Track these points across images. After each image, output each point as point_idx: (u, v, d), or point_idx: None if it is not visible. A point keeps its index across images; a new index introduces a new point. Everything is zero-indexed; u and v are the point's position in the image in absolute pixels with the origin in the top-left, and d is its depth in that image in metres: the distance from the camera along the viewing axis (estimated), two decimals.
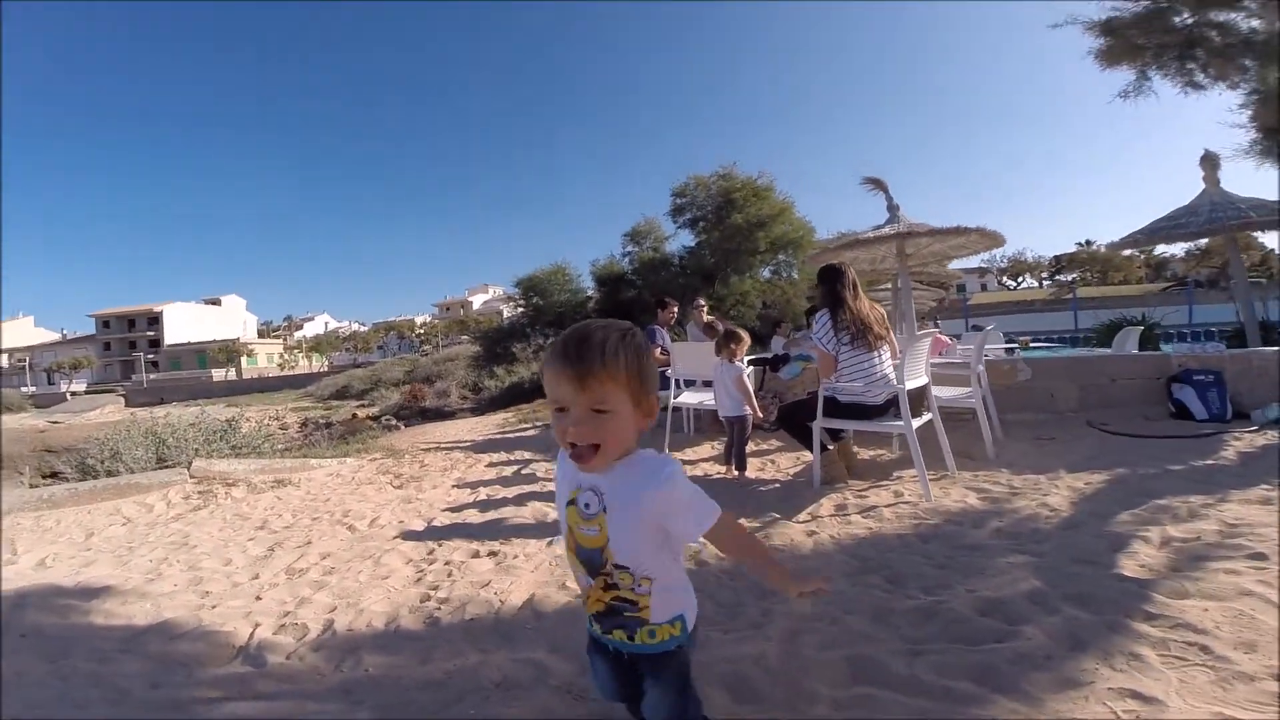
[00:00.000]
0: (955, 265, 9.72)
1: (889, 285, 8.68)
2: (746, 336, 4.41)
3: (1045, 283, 55.63)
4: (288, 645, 2.15)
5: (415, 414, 14.04)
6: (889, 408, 3.66)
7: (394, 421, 12.65)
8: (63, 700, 1.80)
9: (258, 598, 2.60)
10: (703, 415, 6.06)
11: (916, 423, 3.46)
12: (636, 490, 1.11)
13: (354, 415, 16.93)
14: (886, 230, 5.61)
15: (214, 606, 2.52)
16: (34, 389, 52.55)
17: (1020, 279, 60.44)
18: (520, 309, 20.41)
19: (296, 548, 3.27)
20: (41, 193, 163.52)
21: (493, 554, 2.90)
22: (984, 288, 54.84)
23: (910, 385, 3.52)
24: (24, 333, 75.03)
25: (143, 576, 2.92)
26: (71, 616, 2.48)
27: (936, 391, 3.99)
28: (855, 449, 4.17)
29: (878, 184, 6.17)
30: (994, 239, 5.55)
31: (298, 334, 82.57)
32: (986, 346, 6.15)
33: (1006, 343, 7.65)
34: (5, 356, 69.07)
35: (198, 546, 3.39)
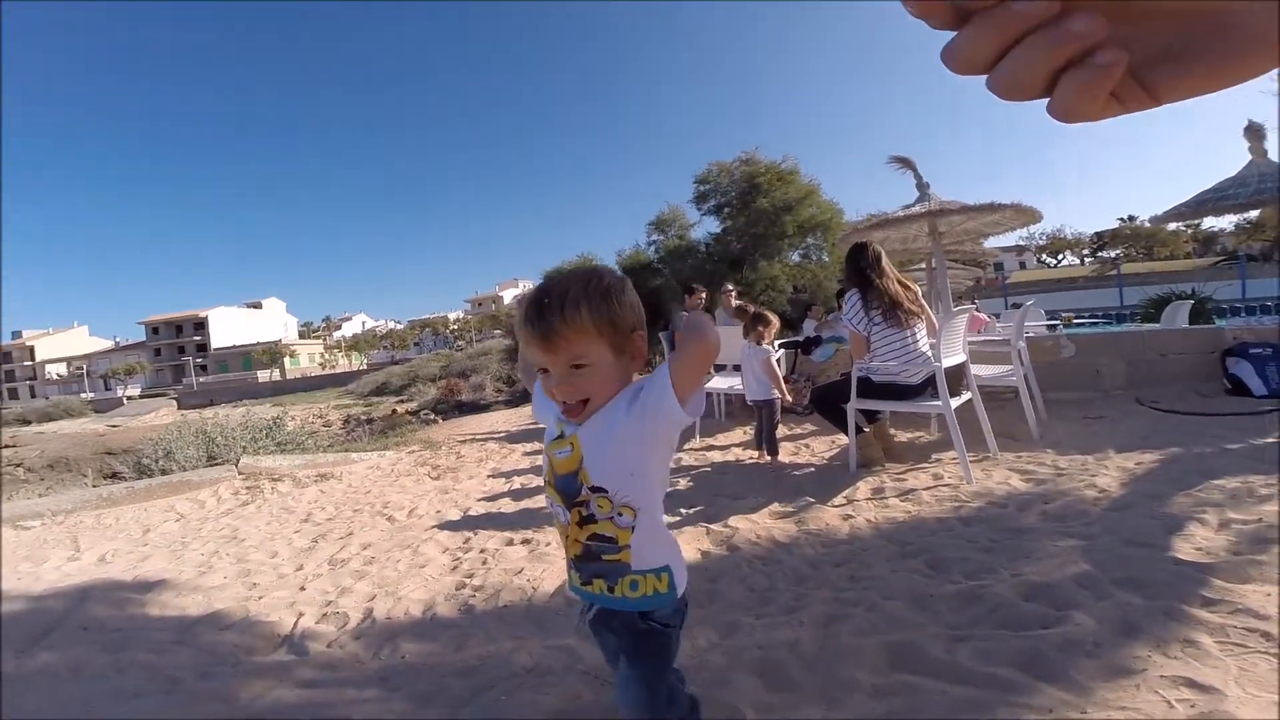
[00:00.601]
0: (991, 244, 9.42)
1: (923, 265, 8.47)
2: (774, 319, 4.34)
3: (1087, 260, 53.66)
4: (329, 634, 2.20)
5: (452, 408, 14.22)
6: (926, 387, 3.56)
7: (431, 416, 12.83)
8: (119, 692, 1.86)
9: (302, 588, 2.67)
10: (733, 400, 6.00)
11: (955, 402, 3.35)
12: (624, 401, 1.04)
13: (393, 411, 17.22)
14: (917, 209, 5.45)
15: (261, 598, 2.59)
16: (92, 395, 54.76)
17: (1061, 256, 58.44)
18: None
19: (338, 539, 3.35)
20: (88, 206, 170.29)
21: (525, 541, 2.92)
22: (1023, 265, 53.08)
23: (947, 363, 3.41)
24: (80, 342, 78.36)
25: (195, 570, 3.02)
26: (129, 609, 2.58)
27: (975, 370, 3.87)
28: (892, 431, 4.07)
29: (906, 163, 5.98)
30: (1029, 215, 5.34)
31: (336, 334, 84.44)
32: (1027, 323, 5.97)
33: (1048, 319, 7.39)
34: (65, 365, 72.22)
35: (246, 540, 3.50)
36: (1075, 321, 8.72)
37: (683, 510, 3.20)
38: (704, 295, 7.27)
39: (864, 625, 1.73)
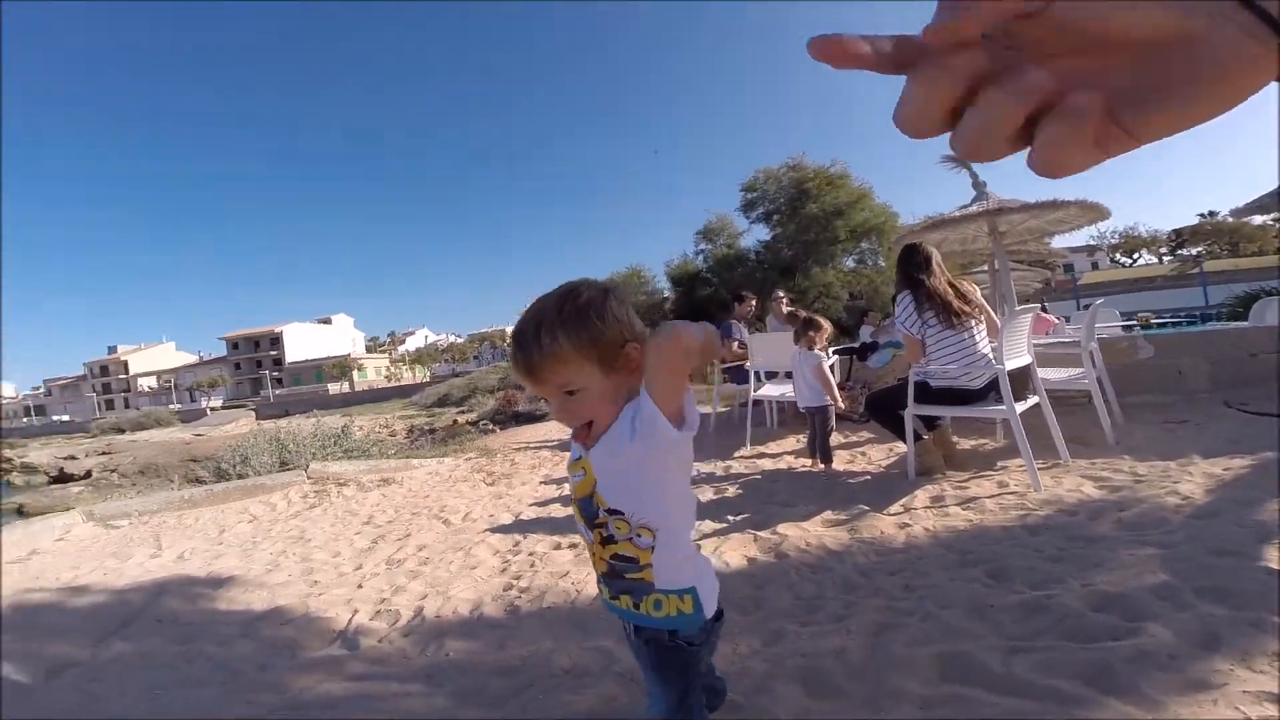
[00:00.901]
0: (1060, 243, 8.99)
1: (985, 268, 8.11)
2: (826, 323, 4.23)
3: (1165, 258, 50.33)
4: (381, 630, 2.26)
5: (509, 418, 14.47)
6: (989, 391, 3.39)
7: (490, 426, 13.10)
8: (183, 681, 1.96)
9: (359, 586, 2.75)
10: (785, 408, 5.88)
11: (1020, 407, 3.18)
12: (619, 424, 1.01)
13: (454, 421, 17.66)
14: (974, 209, 5.22)
15: (321, 594, 2.68)
16: (179, 405, 58.47)
17: (1136, 255, 55.04)
18: None
19: (396, 540, 3.44)
20: (174, 229, 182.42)
21: (573, 546, 2.93)
22: (1095, 266, 50.12)
23: (1011, 365, 3.24)
24: (167, 356, 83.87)
25: (263, 568, 3.15)
26: (201, 604, 2.71)
27: (1044, 374, 3.67)
28: (954, 438, 3.90)
29: (960, 162, 5.76)
30: (1096, 211, 5.04)
31: (401, 348, 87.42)
32: (1100, 324, 5.63)
33: (1124, 320, 6.97)
34: (155, 378, 77.26)
35: (312, 540, 3.63)
36: (1154, 323, 8.20)
37: (730, 517, 3.14)
38: (753, 303, 7.17)
39: (917, 635, 1.65)
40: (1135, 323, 7.22)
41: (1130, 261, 54.43)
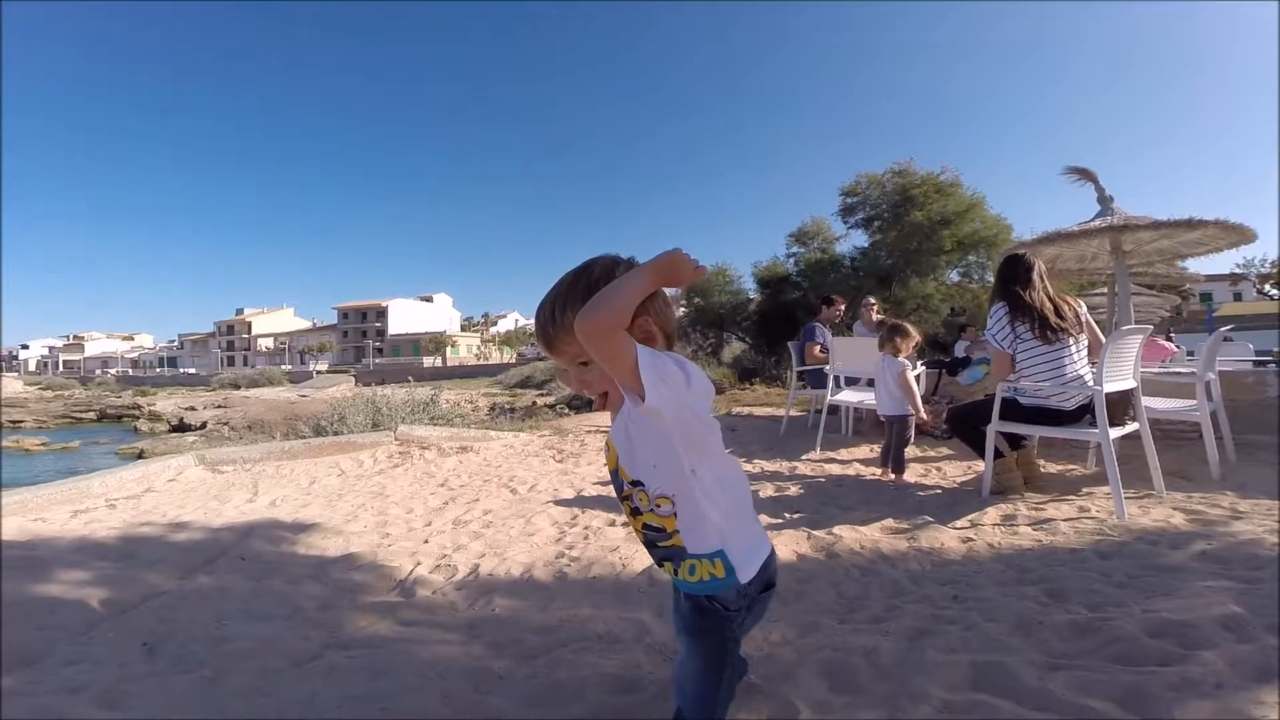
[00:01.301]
0: (1195, 268, 8.17)
1: (1104, 290, 7.46)
2: (915, 332, 4.08)
3: None
4: (437, 583, 2.39)
5: (586, 403, 14.77)
6: (1083, 414, 3.18)
7: (566, 410, 13.42)
8: (249, 614, 2.10)
9: (425, 541, 2.91)
10: (864, 416, 5.71)
11: (1116, 432, 2.96)
12: (626, 395, 1.04)
13: (533, 403, 18.22)
14: (1095, 223, 4.84)
15: (390, 546, 2.85)
16: (289, 367, 63.38)
17: None
18: (682, 309, 20.54)
19: (466, 503, 3.62)
20: (301, 202, 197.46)
21: (625, 524, 2.98)
22: (1238, 297, 44.88)
23: (1110, 387, 3.02)
24: (286, 321, 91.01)
25: (343, 518, 3.37)
26: (282, 546, 2.92)
27: (1151, 403, 3.40)
28: (1039, 460, 3.67)
29: (1085, 174, 5.33)
30: (1239, 233, 4.56)
31: (493, 329, 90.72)
32: (1228, 356, 5.12)
33: (1258, 355, 6.29)
34: (272, 340, 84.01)
35: (390, 496, 3.86)
36: None
37: (786, 514, 3.11)
38: (842, 307, 6.97)
39: (955, 642, 1.59)
40: (1272, 358, 6.50)
41: None
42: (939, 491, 3.54)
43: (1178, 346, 6.02)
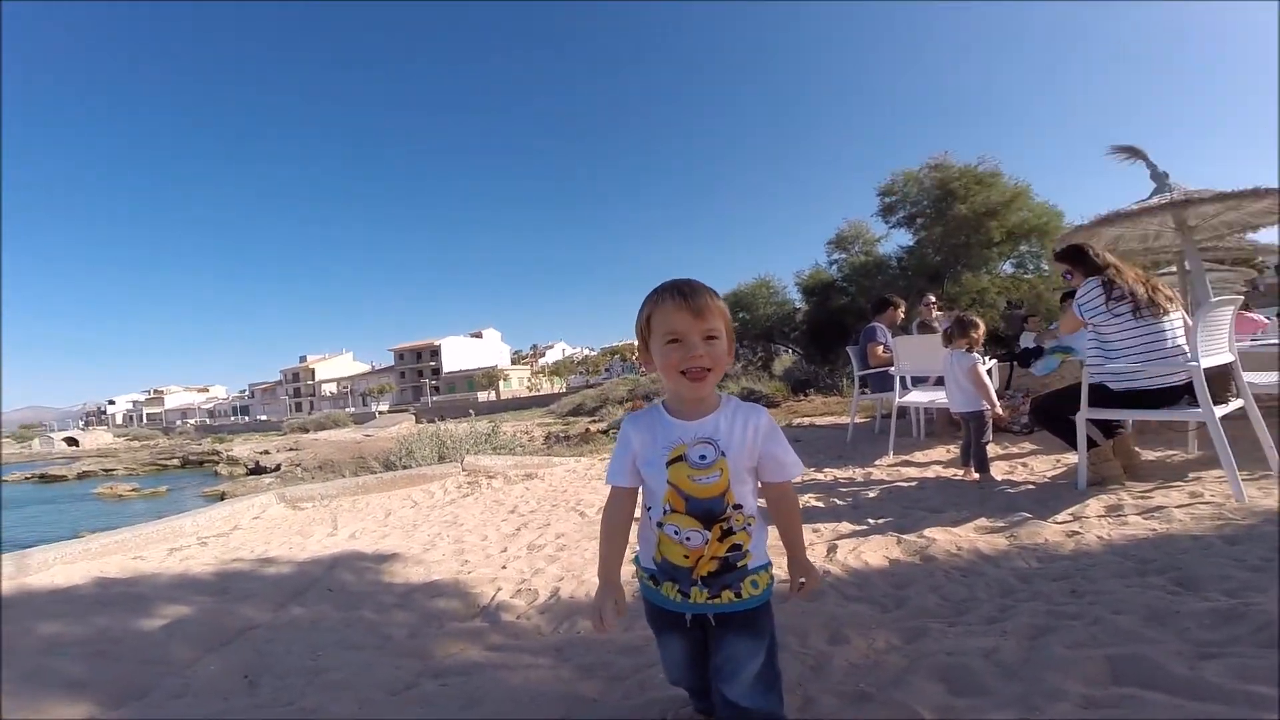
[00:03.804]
0: (1270, 238, 7.64)
1: (1172, 269, 7.02)
2: (981, 323, 3.92)
3: None
4: (520, 607, 2.39)
5: None
6: (1181, 395, 2.98)
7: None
8: (343, 643, 2.14)
9: (503, 567, 2.93)
10: (935, 417, 5.50)
11: (1221, 410, 2.76)
12: (743, 426, 1.20)
13: (586, 429, 18.29)
14: (1154, 201, 4.58)
15: (470, 573, 2.88)
16: (353, 409, 65.56)
17: None
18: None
19: (538, 528, 3.63)
20: (354, 255, 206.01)
21: None
22: None
23: (1208, 362, 2.83)
24: (346, 365, 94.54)
25: (421, 547, 3.43)
26: (367, 576, 2.98)
27: (1252, 377, 3.16)
28: (1136, 449, 3.45)
29: (1134, 152, 5.05)
30: None
31: (541, 360, 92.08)
32: None
33: None
34: (335, 384, 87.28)
35: (464, 524, 3.91)
36: None
37: (870, 520, 3.00)
38: (902, 309, 6.75)
39: (1083, 637, 1.48)
40: None
41: None
42: (1030, 487, 3.36)
43: (1267, 318, 5.61)
